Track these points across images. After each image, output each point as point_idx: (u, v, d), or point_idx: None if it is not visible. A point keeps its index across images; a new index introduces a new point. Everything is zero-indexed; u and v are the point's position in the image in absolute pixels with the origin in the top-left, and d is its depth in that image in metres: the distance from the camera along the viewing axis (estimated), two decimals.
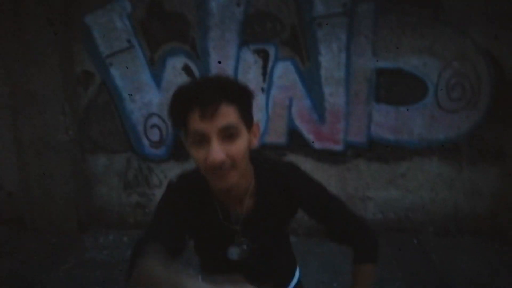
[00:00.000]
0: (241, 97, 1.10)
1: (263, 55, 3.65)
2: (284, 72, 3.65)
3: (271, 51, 3.63)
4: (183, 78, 3.77)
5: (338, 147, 3.73)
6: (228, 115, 1.04)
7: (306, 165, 3.78)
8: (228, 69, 3.69)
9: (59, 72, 3.67)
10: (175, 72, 3.78)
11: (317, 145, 3.74)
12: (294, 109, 3.72)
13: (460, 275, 3.09)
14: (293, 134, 3.76)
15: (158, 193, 4.03)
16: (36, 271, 3.28)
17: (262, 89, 3.71)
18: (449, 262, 3.29)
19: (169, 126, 3.90)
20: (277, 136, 3.79)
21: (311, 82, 3.62)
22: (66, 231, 3.89)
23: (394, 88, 3.55)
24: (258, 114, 3.74)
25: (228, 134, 1.05)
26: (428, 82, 3.51)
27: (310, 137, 3.74)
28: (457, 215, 3.71)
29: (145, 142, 3.96)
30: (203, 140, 1.04)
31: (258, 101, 3.73)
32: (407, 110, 3.58)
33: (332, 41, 3.52)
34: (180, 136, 3.82)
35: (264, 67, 3.67)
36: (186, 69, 3.75)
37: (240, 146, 1.07)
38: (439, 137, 3.60)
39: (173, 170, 3.99)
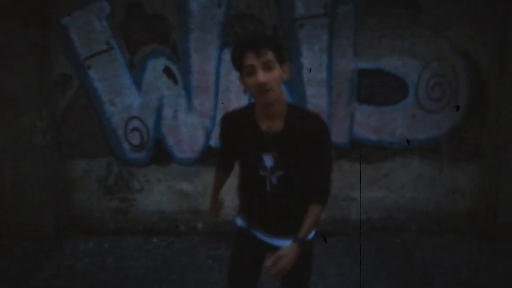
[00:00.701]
0: (275, 45, 1.62)
1: None
2: None
3: None
4: (164, 81, 3.72)
5: None
6: (268, 55, 1.57)
7: None
8: (209, 71, 3.66)
9: (35, 74, 3.57)
10: (156, 74, 3.72)
11: None
12: None
13: (441, 272, 3.12)
14: None
15: (140, 198, 3.96)
16: (13, 280, 3.16)
17: (245, 91, 3.69)
18: (431, 260, 3.33)
19: (150, 130, 3.83)
20: None
21: (293, 83, 3.62)
22: (44, 239, 3.78)
23: (376, 88, 3.59)
24: None
25: (268, 67, 1.57)
26: (409, 83, 3.56)
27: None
28: (438, 214, 3.76)
29: (126, 146, 3.89)
30: (253, 71, 1.57)
31: (240, 102, 3.70)
32: (389, 110, 3.62)
33: (313, 42, 3.53)
34: (161, 139, 3.77)
35: None
36: (167, 71, 3.70)
37: (275, 74, 1.59)
38: (420, 137, 3.65)
39: (155, 174, 3.93)
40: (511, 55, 3.25)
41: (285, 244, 1.66)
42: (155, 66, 3.71)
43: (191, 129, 3.80)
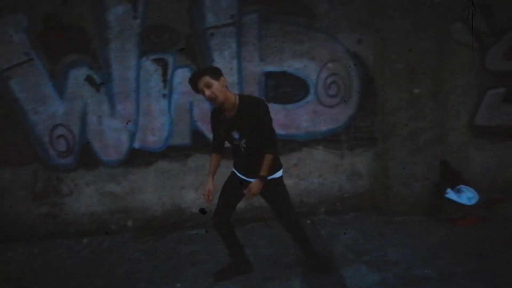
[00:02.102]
0: (209, 71, 2.68)
1: (163, 64, 3.95)
2: (183, 78, 3.97)
3: (170, 59, 3.94)
4: (86, 89, 3.94)
5: None
6: (204, 80, 2.62)
7: None
8: (129, 78, 3.93)
9: None
10: (78, 83, 3.93)
11: None
12: (196, 112, 4.06)
13: (341, 244, 3.62)
14: (197, 135, 4.09)
15: (69, 202, 4.14)
16: None
17: (164, 95, 4.00)
18: (334, 235, 3.82)
19: (76, 136, 4.03)
20: (181, 138, 4.10)
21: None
22: None
23: (281, 89, 4.04)
24: (161, 118, 4.03)
25: (208, 86, 2.62)
26: (309, 82, 4.05)
27: (211, 136, 4.08)
28: (342, 195, 4.29)
29: (52, 152, 4.05)
30: (203, 90, 2.64)
31: (161, 106, 4.00)
32: (294, 107, 4.09)
33: (224, 49, 3.92)
34: (87, 144, 3.97)
35: (164, 74, 3.97)
36: (89, 79, 3.92)
37: (214, 88, 2.62)
38: (322, 129, 4.15)
39: (84, 178, 4.13)
40: (389, 54, 3.82)
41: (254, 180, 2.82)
42: (77, 75, 3.92)
43: (115, 133, 4.05)
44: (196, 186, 4.18)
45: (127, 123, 3.96)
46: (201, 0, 3.82)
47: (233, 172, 3.04)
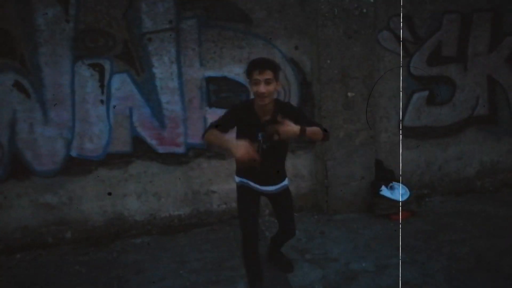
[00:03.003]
0: (274, 67, 2.55)
1: (99, 69, 3.83)
2: (121, 84, 3.88)
3: (107, 65, 3.82)
4: (15, 95, 3.71)
5: (180, 150, 4.10)
6: (268, 74, 2.48)
7: (153, 169, 4.07)
8: (63, 83, 3.77)
9: None
10: (6, 89, 3.69)
11: (161, 149, 4.06)
12: (135, 118, 3.97)
13: (285, 244, 3.72)
14: (137, 141, 4.01)
15: None
16: None
17: (102, 101, 3.88)
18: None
19: (5, 145, 3.78)
20: (121, 144, 3.99)
21: (148, 92, 3.92)
22: None
23: (222, 93, 4.08)
24: (99, 125, 3.90)
25: (267, 82, 2.48)
26: (249, 87, 4.12)
27: (153, 142, 4.03)
28: None
29: None
30: (257, 83, 2.49)
31: (99, 113, 3.88)
32: None
33: (163, 54, 3.88)
34: (17, 154, 3.74)
35: (101, 80, 3.84)
36: (17, 85, 3.70)
37: (271, 87, 2.51)
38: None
39: (15, 190, 3.88)
40: (323, 59, 4.00)
41: (272, 188, 2.85)
42: (4, 81, 3.68)
43: (49, 141, 3.85)
44: (139, 193, 4.09)
45: (54, 105, 3.73)
46: (138, 5, 3.76)
47: (243, 184, 2.91)
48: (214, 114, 4.10)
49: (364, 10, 3.94)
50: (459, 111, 4.62)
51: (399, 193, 4.21)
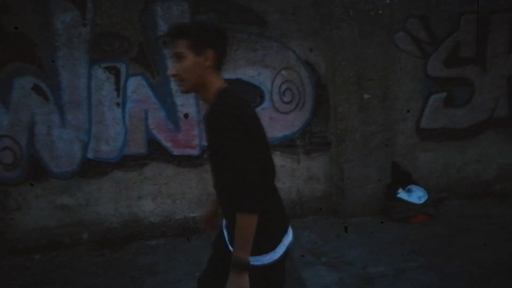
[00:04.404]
0: (189, 33, 1.55)
1: (115, 72, 3.87)
2: (137, 86, 3.92)
3: (122, 68, 3.87)
4: (34, 98, 3.78)
5: (195, 152, 4.11)
6: (178, 45, 1.56)
7: (168, 171, 4.09)
8: (80, 86, 3.82)
9: None
10: (24, 92, 3.77)
11: (176, 151, 4.08)
12: (151, 121, 4.00)
13: (300, 247, 3.69)
14: (152, 143, 4.03)
15: (18, 216, 3.93)
16: None
17: (118, 104, 3.92)
18: (294, 239, 3.88)
19: (23, 147, 3.84)
20: (137, 147, 4.02)
21: (163, 94, 3.95)
22: None
23: None
24: (115, 128, 3.94)
25: (178, 57, 1.56)
26: (264, 89, 4.12)
27: (168, 145, 4.05)
28: (300, 199, 4.38)
29: None
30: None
31: (115, 115, 3.92)
32: None
33: None
34: (35, 156, 3.81)
35: (117, 83, 3.89)
36: (36, 88, 3.77)
37: (185, 64, 1.55)
38: (279, 135, 4.23)
39: (33, 191, 3.94)
40: (339, 61, 3.98)
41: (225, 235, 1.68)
42: (23, 84, 3.75)
43: (67, 143, 3.91)
44: (154, 195, 4.11)
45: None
46: (153, 8, 3.80)
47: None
48: None
49: (380, 11, 3.90)
50: (477, 113, 4.53)
51: (416, 195, 4.14)
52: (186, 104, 4.01)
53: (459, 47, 4.32)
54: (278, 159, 4.27)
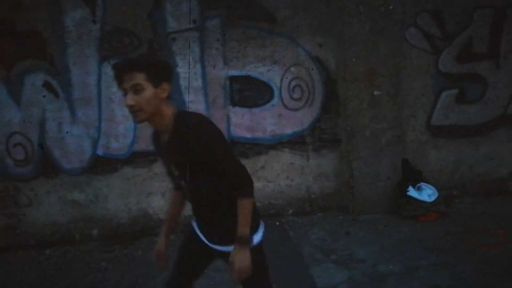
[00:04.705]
0: (147, 67, 1.66)
1: None
2: None
3: None
4: (44, 95, 3.81)
5: None
6: (136, 78, 1.63)
7: None
8: (90, 83, 3.84)
9: None
10: (36, 89, 3.80)
11: None
12: None
13: (309, 244, 3.68)
14: None
15: (29, 212, 3.98)
16: None
17: None
18: (303, 235, 3.88)
19: (35, 143, 3.88)
20: (146, 143, 4.02)
21: (172, 91, 3.93)
22: None
23: (246, 93, 4.07)
24: (125, 124, 3.95)
25: (136, 89, 1.63)
26: (273, 86, 4.10)
27: None
28: (309, 196, 4.36)
29: (9, 161, 3.88)
30: (126, 93, 1.65)
31: (124, 112, 3.92)
32: (259, 111, 4.12)
33: (187, 53, 3.90)
34: (46, 152, 3.84)
35: None
36: (47, 85, 3.79)
37: (145, 95, 1.64)
38: (288, 132, 4.21)
39: (44, 187, 3.98)
40: (349, 57, 3.93)
41: (221, 249, 1.84)
42: (34, 81, 3.78)
43: (77, 140, 3.93)
44: (163, 192, 4.12)
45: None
46: (162, 5, 3.79)
47: (192, 227, 2.00)
48: (237, 114, 4.10)
49: (391, 7, 3.85)
50: (490, 110, 4.45)
51: (427, 193, 4.09)
52: (195, 100, 4.01)
53: (472, 43, 4.24)
54: (287, 156, 4.26)
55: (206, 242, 1.91)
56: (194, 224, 1.98)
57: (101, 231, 4.10)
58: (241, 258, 1.71)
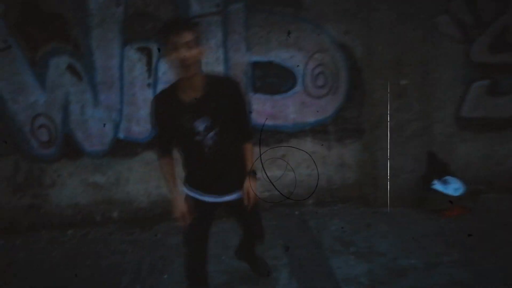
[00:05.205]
0: (195, 29, 1.94)
1: (147, 53, 3.86)
2: (168, 68, 3.89)
3: (154, 48, 3.85)
4: (68, 78, 3.84)
5: None
6: (189, 36, 1.88)
7: None
8: (112, 67, 3.84)
9: None
10: (59, 71, 3.83)
11: None
12: None
13: (329, 235, 3.63)
14: None
15: (52, 193, 4.05)
16: None
17: (149, 85, 3.92)
18: (322, 227, 3.83)
19: (58, 126, 3.93)
20: None
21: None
22: None
23: (268, 79, 4.00)
24: (146, 109, 3.94)
25: (188, 46, 1.87)
26: (296, 73, 4.01)
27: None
28: (331, 187, 4.29)
29: (34, 143, 3.95)
30: (176, 48, 1.86)
31: (146, 96, 3.92)
32: (281, 98, 4.05)
33: (209, 38, 3.85)
34: (69, 134, 3.88)
35: (149, 64, 3.88)
36: (71, 68, 3.82)
37: (194, 53, 1.89)
38: (310, 120, 4.12)
39: (67, 169, 4.04)
40: (375, 45, 3.80)
41: (236, 196, 2.23)
42: (58, 63, 3.81)
43: (99, 123, 3.96)
44: (182, 176, 4.11)
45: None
46: None
47: (190, 198, 2.25)
48: (258, 101, 4.04)
49: None
50: None
51: (453, 187, 3.96)
52: None
53: (507, 31, 4.03)
54: (309, 145, 4.18)
55: (213, 200, 2.21)
56: (195, 193, 2.23)
57: (121, 214, 4.15)
58: (254, 187, 2.16)
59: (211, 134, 2.06)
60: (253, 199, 2.20)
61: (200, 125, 2.04)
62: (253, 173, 2.25)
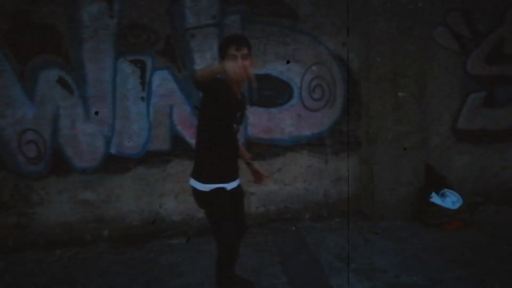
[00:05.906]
0: (249, 45, 2.38)
1: (141, 66, 3.77)
2: (163, 81, 3.80)
3: (148, 61, 3.76)
4: (58, 91, 3.71)
5: None
6: (247, 50, 2.33)
7: (191, 169, 3.96)
8: (105, 80, 3.73)
9: None
10: (50, 85, 3.70)
11: None
12: (175, 116, 3.89)
13: (327, 251, 3.53)
14: (176, 140, 3.92)
15: (40, 211, 3.88)
16: None
17: (142, 98, 3.82)
18: (320, 242, 3.73)
19: (47, 141, 3.78)
20: (160, 143, 3.92)
21: (189, 89, 3.82)
22: None
23: (265, 92, 3.93)
24: (139, 123, 3.84)
25: (245, 58, 2.29)
26: (293, 85, 3.96)
27: (192, 141, 3.93)
28: (327, 201, 4.21)
29: (21, 159, 3.79)
30: (235, 58, 2.25)
31: (139, 110, 3.82)
32: (278, 111, 3.98)
33: (205, 50, 3.78)
34: (59, 150, 3.74)
35: (142, 76, 3.79)
36: (61, 81, 3.69)
37: (247, 64, 2.23)
38: (306, 134, 4.06)
39: (56, 186, 3.88)
40: (373, 57, 3.78)
41: (239, 182, 2.59)
42: (48, 76, 3.69)
43: (90, 138, 3.83)
44: (176, 192, 4.00)
45: (95, 113, 3.72)
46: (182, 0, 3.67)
47: (220, 189, 2.44)
48: (254, 114, 3.97)
49: (420, 4, 3.69)
50: None
51: (451, 200, 3.92)
52: None
53: (503, 44, 4.05)
54: (305, 159, 4.11)
55: (233, 186, 2.52)
56: (222, 185, 2.43)
57: (112, 232, 3.99)
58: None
59: (240, 126, 2.54)
60: (265, 174, 2.75)
61: (238, 117, 2.48)
62: (251, 161, 2.73)
